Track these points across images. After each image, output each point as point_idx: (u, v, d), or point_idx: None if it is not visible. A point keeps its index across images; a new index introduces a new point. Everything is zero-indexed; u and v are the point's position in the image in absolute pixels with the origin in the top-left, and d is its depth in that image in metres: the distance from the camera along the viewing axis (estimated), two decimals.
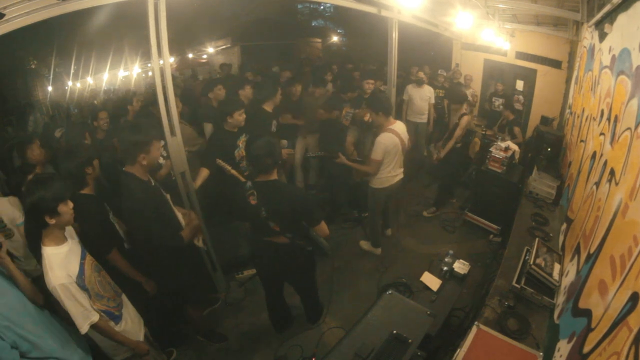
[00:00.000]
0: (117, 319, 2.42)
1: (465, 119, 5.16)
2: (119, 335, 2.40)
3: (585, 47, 5.02)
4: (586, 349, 1.78)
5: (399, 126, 4.13)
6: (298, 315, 3.73)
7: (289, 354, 3.46)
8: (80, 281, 2.17)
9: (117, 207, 2.84)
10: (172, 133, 3.26)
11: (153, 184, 2.80)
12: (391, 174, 4.24)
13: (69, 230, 2.33)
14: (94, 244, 2.55)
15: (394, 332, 2.16)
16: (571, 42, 6.51)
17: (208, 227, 3.79)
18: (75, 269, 2.19)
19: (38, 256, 2.15)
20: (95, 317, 2.18)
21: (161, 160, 3.65)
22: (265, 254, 3.08)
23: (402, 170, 4.39)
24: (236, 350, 3.58)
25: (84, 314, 2.14)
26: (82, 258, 2.30)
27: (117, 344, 2.42)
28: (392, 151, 4.07)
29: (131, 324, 2.55)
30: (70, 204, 2.16)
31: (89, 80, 11.57)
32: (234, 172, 3.59)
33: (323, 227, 2.85)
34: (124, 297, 2.63)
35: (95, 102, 10.05)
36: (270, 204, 2.73)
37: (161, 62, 3.06)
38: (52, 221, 2.07)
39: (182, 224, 2.99)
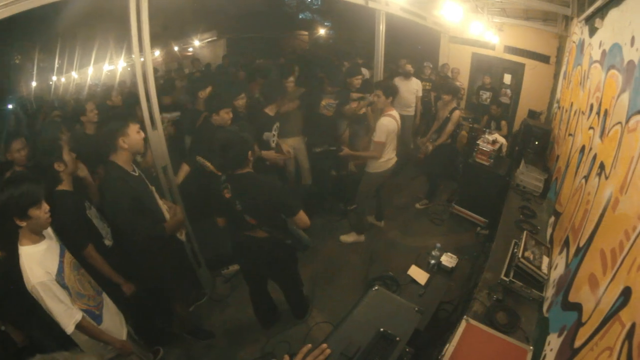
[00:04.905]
0: (98, 318, 2.32)
1: (457, 113, 5.16)
2: (105, 335, 2.31)
3: (574, 42, 5.02)
4: (577, 344, 1.76)
5: (396, 113, 4.32)
6: (285, 311, 3.68)
7: (276, 350, 3.42)
8: (60, 279, 2.08)
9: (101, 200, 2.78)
10: (153, 126, 3.18)
11: (137, 174, 2.73)
12: (388, 156, 4.44)
13: (47, 230, 2.22)
14: (69, 240, 2.44)
15: (381, 330, 2.11)
16: (560, 37, 6.53)
17: (192, 222, 3.71)
18: (54, 266, 2.09)
19: (15, 256, 2.04)
20: (79, 316, 2.09)
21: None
22: (244, 249, 3.01)
23: (395, 154, 4.55)
24: (223, 347, 3.52)
25: (68, 313, 2.05)
26: (61, 256, 2.21)
27: (102, 344, 2.32)
28: (392, 134, 4.29)
29: (112, 324, 2.45)
30: (45, 207, 2.05)
31: (74, 74, 11.30)
32: (212, 168, 3.53)
33: (302, 217, 2.74)
34: (105, 296, 2.53)
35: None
36: (245, 196, 2.66)
37: (142, 58, 2.97)
38: (23, 224, 1.98)
39: (166, 216, 2.91)
